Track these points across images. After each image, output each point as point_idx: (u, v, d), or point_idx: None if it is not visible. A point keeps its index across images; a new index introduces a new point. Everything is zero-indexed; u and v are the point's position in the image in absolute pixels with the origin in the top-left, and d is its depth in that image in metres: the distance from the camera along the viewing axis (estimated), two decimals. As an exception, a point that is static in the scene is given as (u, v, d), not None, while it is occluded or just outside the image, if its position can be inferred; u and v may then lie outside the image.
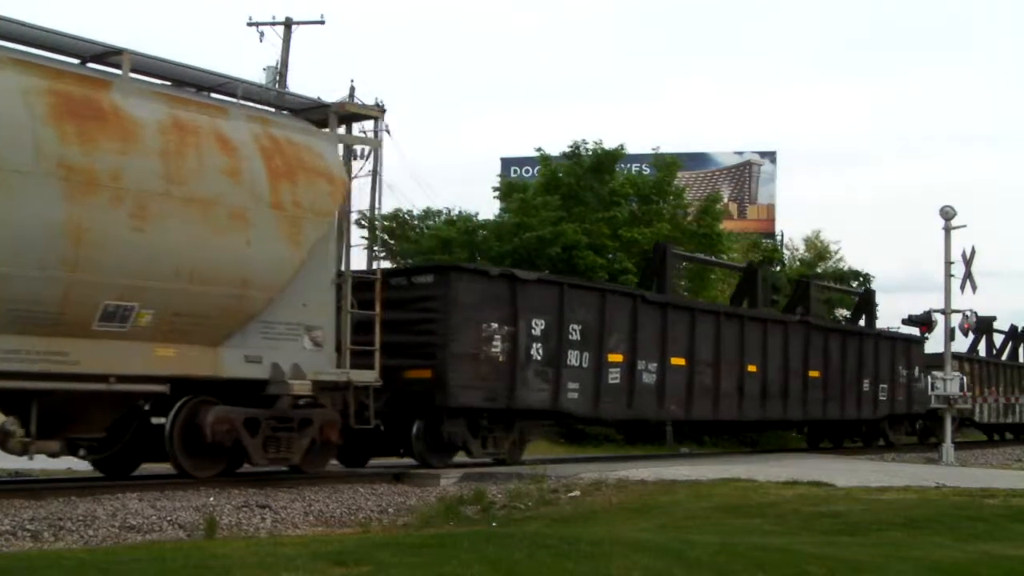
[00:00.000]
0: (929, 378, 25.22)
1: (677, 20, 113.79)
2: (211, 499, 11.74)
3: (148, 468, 16.30)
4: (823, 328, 25.17)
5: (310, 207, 13.25)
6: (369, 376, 14.05)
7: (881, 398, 26.62)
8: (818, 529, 10.28)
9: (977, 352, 36.01)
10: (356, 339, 14.08)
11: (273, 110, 14.08)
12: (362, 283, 14.49)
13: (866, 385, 25.98)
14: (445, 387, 15.20)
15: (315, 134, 13.95)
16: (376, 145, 14.50)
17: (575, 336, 17.27)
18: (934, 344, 30.54)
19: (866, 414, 26.33)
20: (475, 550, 7.80)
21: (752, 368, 21.80)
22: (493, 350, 15.83)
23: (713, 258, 32.75)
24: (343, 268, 14.34)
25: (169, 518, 10.43)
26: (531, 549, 7.83)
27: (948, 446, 23.10)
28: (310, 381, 13.21)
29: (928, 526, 10.38)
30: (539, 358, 16.59)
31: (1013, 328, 39.00)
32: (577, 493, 13.32)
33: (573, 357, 17.24)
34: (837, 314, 43.68)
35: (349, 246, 14.67)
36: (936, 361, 28.92)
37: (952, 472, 18.32)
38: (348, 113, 14.93)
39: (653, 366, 19.10)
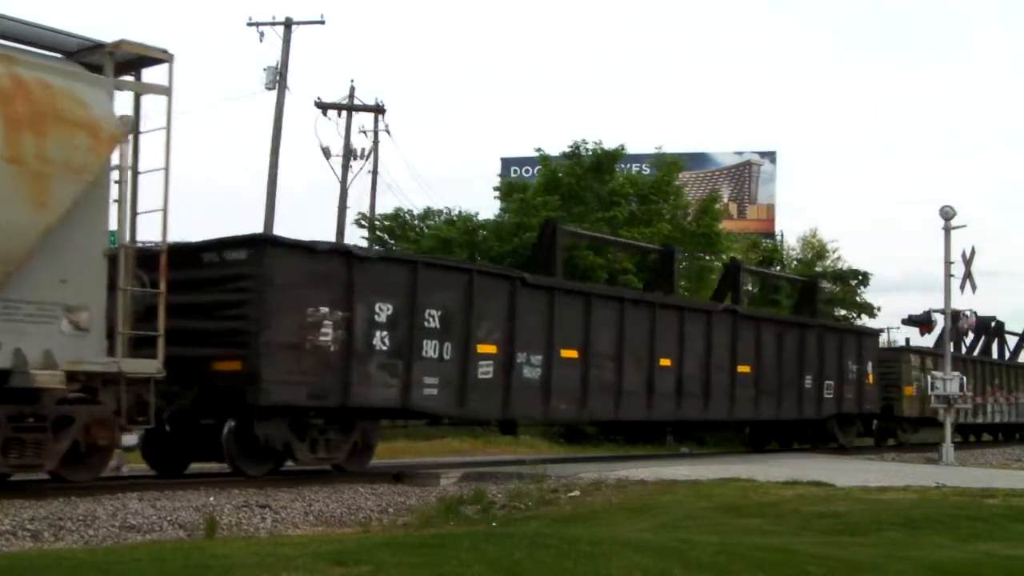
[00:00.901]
0: (929, 378, 25.16)
1: (677, 20, 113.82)
2: (211, 499, 11.75)
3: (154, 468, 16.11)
4: (755, 318, 22.75)
5: (64, 163, 11.08)
6: (149, 366, 11.82)
7: (827, 396, 24.06)
8: (818, 529, 10.28)
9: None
10: (152, 325, 11.96)
11: (34, 50, 11.74)
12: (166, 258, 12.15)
13: (808, 382, 23.46)
14: (257, 381, 12.89)
15: (80, 78, 11.63)
16: (166, 93, 12.20)
17: (433, 323, 14.92)
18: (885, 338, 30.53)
19: (808, 413, 23.66)
20: (475, 550, 7.80)
21: (665, 362, 19.34)
22: (322, 339, 13.51)
23: (618, 239, 29.70)
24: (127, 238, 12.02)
25: (169, 518, 10.44)
26: (531, 549, 7.83)
27: (948, 446, 23.12)
28: (63, 372, 11.03)
29: (928, 526, 10.39)
30: (384, 348, 14.18)
31: (984, 321, 35.37)
32: (577, 493, 13.33)
33: (430, 348, 14.89)
34: (839, 313, 43.83)
35: (135, 213, 12.15)
36: (890, 356, 28.63)
37: (952, 472, 18.32)
38: (132, 56, 12.13)
39: (537, 359, 16.63)
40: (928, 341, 31.95)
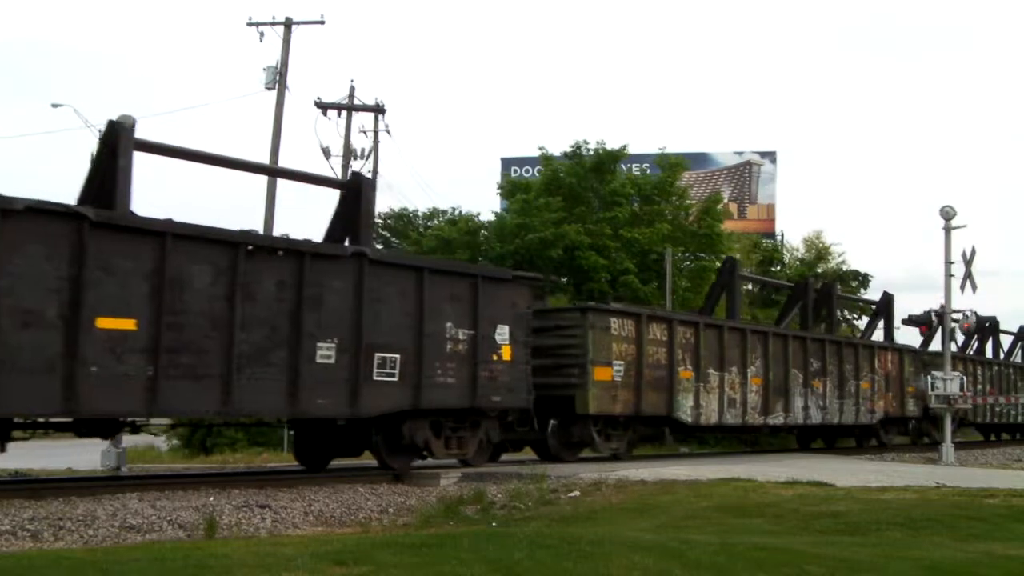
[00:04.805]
0: (929, 378, 25.09)
1: (677, 20, 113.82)
2: (211, 499, 11.76)
3: (155, 468, 16.28)
4: (149, 232, 12.44)
5: None
6: None
7: (380, 379, 14.52)
8: (818, 529, 10.28)
9: (755, 316, 27.02)
10: None
11: None
12: None
13: (324, 354, 13.89)
14: None
15: None
16: None
17: None
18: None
19: (319, 409, 14.03)
20: (475, 550, 7.81)
21: None
22: None
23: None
24: None
25: (169, 518, 10.44)
26: (531, 549, 7.83)
27: (948, 446, 23.13)
28: None
29: (928, 526, 10.38)
30: None
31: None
32: (577, 493, 13.33)
33: None
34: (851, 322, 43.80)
35: None
36: (569, 319, 18.44)
37: (952, 472, 18.32)
38: None
39: None
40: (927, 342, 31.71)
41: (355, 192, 15.33)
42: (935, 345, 31.44)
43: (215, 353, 12.82)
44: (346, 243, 14.60)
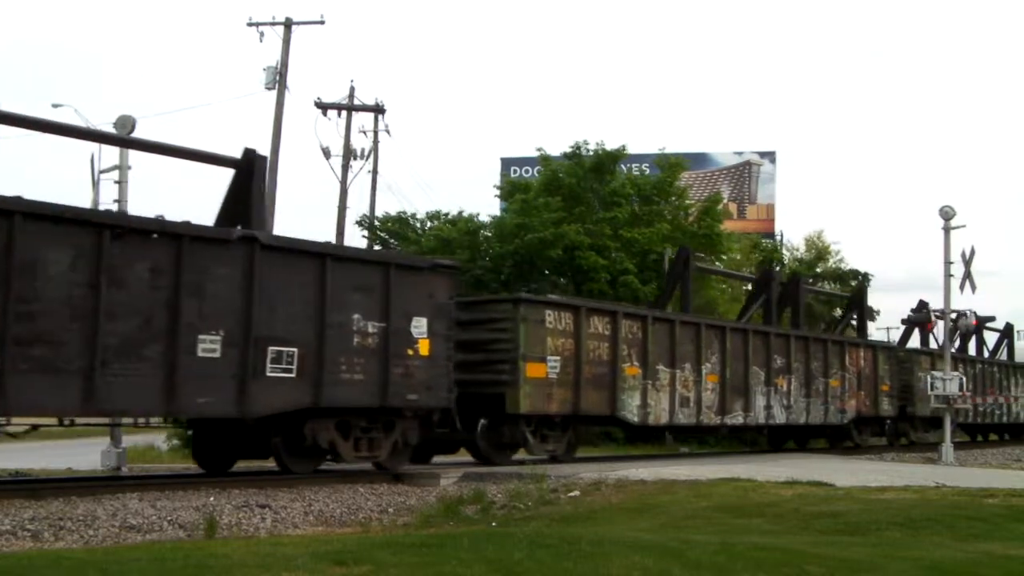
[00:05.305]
0: (929, 378, 25.08)
1: (677, 21, 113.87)
2: (211, 499, 11.76)
3: (155, 468, 16.24)
4: (46, 217, 11.44)
5: None
6: None
7: (275, 374, 13.21)
8: (818, 529, 10.28)
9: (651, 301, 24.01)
10: None
11: None
12: None
13: (207, 347, 12.61)
14: None
15: None
16: None
17: None
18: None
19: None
20: (475, 550, 7.80)
21: None
22: None
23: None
24: None
25: (169, 518, 10.45)
26: (531, 549, 7.83)
27: (948, 446, 23.14)
28: None
29: (927, 526, 10.39)
30: None
31: (765, 274, 28.05)
32: (577, 493, 13.33)
33: None
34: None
35: None
36: (500, 312, 17.33)
37: (951, 472, 18.33)
38: None
39: None
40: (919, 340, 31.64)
41: (247, 171, 14.14)
42: (913, 342, 31.60)
43: (75, 345, 11.44)
44: (238, 227, 13.38)
